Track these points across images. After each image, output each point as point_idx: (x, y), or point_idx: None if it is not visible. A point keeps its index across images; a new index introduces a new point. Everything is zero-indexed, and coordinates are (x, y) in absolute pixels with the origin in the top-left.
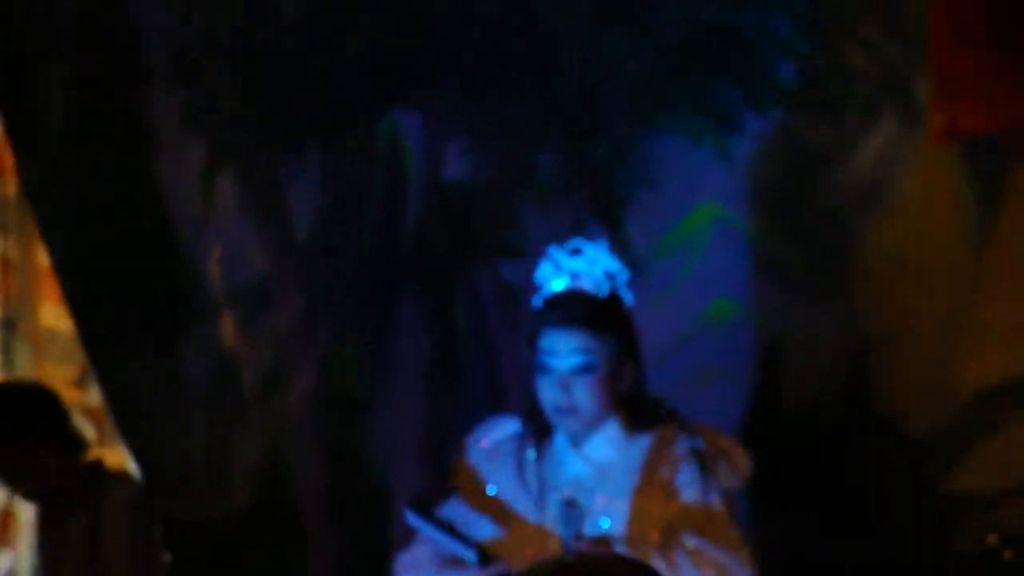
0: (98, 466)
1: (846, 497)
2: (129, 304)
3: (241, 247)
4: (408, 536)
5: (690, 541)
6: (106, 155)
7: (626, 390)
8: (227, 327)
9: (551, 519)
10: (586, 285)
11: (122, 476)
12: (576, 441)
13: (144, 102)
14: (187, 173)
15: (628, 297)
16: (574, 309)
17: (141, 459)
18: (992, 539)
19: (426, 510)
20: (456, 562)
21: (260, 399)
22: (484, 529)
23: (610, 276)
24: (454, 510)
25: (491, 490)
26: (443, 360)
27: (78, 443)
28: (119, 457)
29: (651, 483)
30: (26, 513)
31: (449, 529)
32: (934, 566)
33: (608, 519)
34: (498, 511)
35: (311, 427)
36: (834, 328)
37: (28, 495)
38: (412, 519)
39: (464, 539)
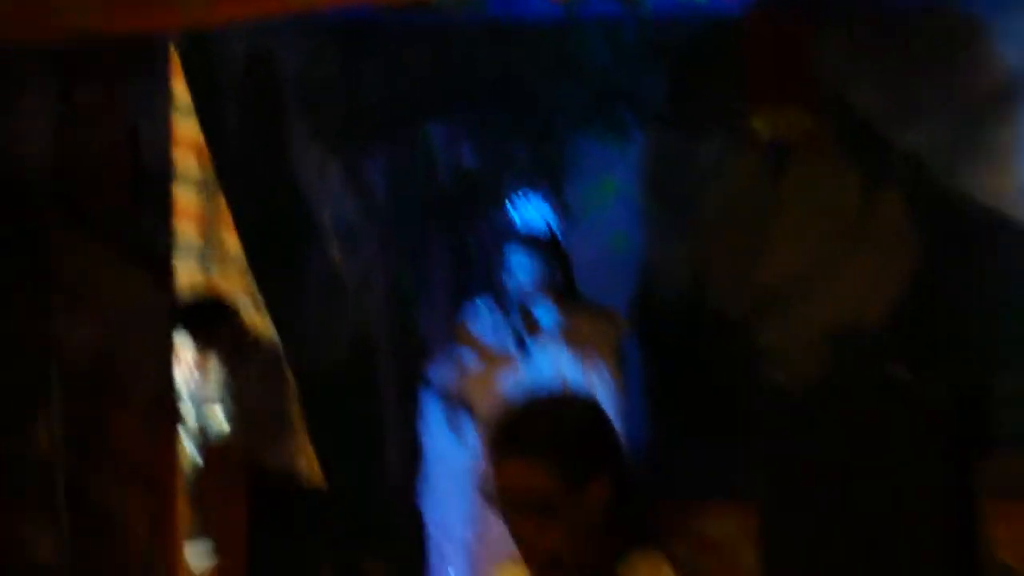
0: (252, 333)
1: (691, 354)
2: (274, 236)
3: (345, 200)
4: None
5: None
6: (267, 165)
7: (557, 279)
8: (334, 249)
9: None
10: (531, 222)
11: (266, 338)
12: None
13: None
14: (310, 165)
15: (557, 228)
16: (523, 237)
17: (280, 328)
18: (780, 374)
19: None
20: None
21: (357, 297)
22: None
23: (546, 217)
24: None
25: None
26: (459, 266)
27: (240, 323)
28: (267, 325)
29: (578, 313)
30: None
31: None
32: (748, 393)
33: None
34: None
35: (387, 316)
36: (685, 254)
37: (211, 353)
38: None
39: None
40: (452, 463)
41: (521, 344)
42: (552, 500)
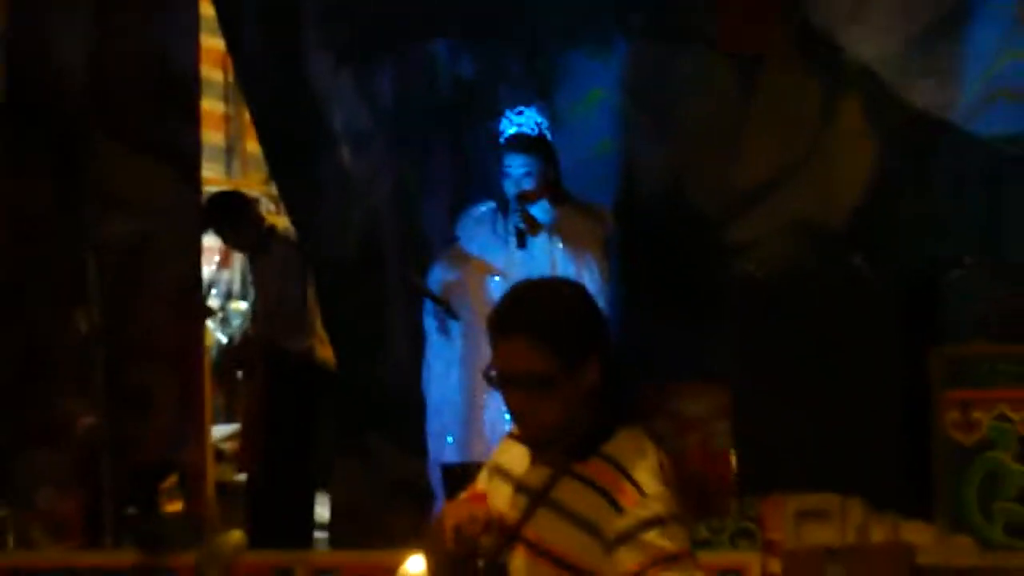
0: (273, 228)
1: (670, 247)
2: (295, 140)
3: (355, 108)
4: None
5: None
6: (284, 75)
7: (550, 181)
8: (344, 151)
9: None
10: (526, 129)
11: (285, 233)
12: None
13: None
14: (323, 74)
15: (549, 135)
16: (519, 142)
17: (297, 224)
18: (751, 266)
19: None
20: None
21: (365, 195)
22: (451, 275)
23: (539, 124)
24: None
25: (469, 249)
26: (459, 169)
27: (261, 219)
28: (285, 222)
29: (569, 210)
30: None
31: (429, 293)
32: (721, 283)
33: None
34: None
35: (392, 213)
36: (664, 158)
37: (236, 247)
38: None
39: (436, 297)
40: (447, 350)
41: (521, 239)
42: (549, 377)
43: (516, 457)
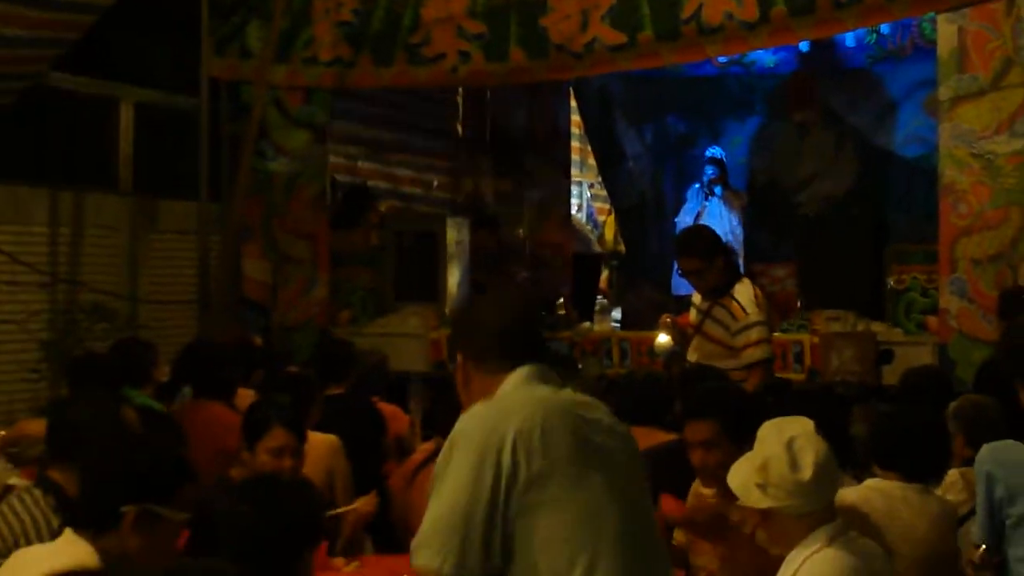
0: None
1: (772, 203)
2: (610, 158)
3: (636, 144)
4: None
5: None
6: (605, 130)
7: (722, 175)
8: (630, 162)
9: None
10: (716, 155)
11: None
12: None
13: (614, 116)
14: (622, 129)
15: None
16: (713, 160)
17: (610, 191)
18: (807, 211)
19: None
20: None
21: (639, 180)
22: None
23: (720, 154)
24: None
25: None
26: (681, 171)
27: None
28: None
29: (728, 188)
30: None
31: None
32: (793, 219)
33: None
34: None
35: (651, 187)
36: (769, 166)
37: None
38: None
39: None
40: None
41: (708, 199)
42: (702, 269)
43: (698, 298)
